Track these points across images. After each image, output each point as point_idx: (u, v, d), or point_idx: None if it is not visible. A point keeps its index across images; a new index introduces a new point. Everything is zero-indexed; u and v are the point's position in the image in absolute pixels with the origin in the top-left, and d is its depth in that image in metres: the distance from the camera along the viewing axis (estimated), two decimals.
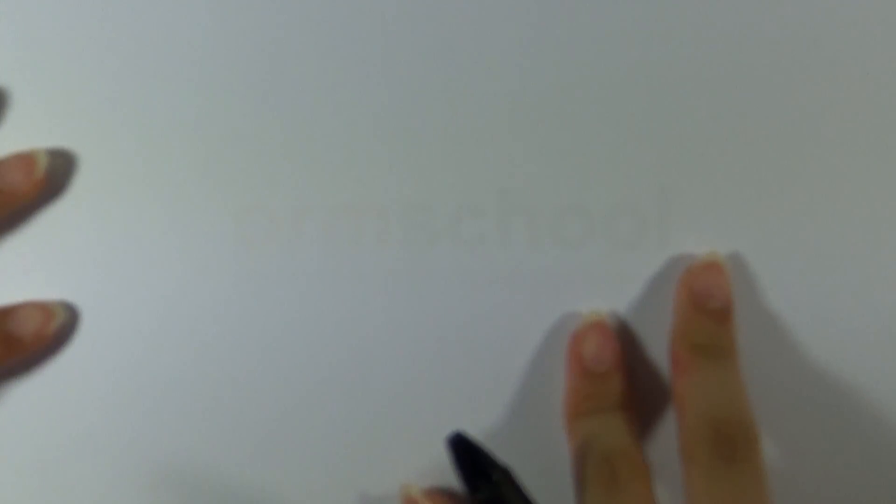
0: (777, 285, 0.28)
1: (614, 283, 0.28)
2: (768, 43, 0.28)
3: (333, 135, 0.29)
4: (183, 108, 0.29)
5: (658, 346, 0.29)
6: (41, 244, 0.29)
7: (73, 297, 0.29)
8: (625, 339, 0.28)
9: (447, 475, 0.29)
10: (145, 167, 0.29)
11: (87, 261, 0.29)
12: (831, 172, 0.28)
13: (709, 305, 0.27)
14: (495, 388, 0.29)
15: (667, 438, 0.29)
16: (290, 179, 0.29)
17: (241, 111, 0.29)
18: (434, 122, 0.29)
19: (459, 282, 0.29)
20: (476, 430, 0.29)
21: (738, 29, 0.28)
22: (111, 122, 0.29)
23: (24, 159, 0.28)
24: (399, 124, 0.29)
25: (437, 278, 0.29)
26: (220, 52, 0.29)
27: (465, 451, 0.24)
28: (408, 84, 0.29)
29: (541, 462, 0.29)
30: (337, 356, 0.29)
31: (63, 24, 0.29)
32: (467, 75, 0.29)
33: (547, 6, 0.28)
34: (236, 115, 0.29)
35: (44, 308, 0.28)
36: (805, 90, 0.28)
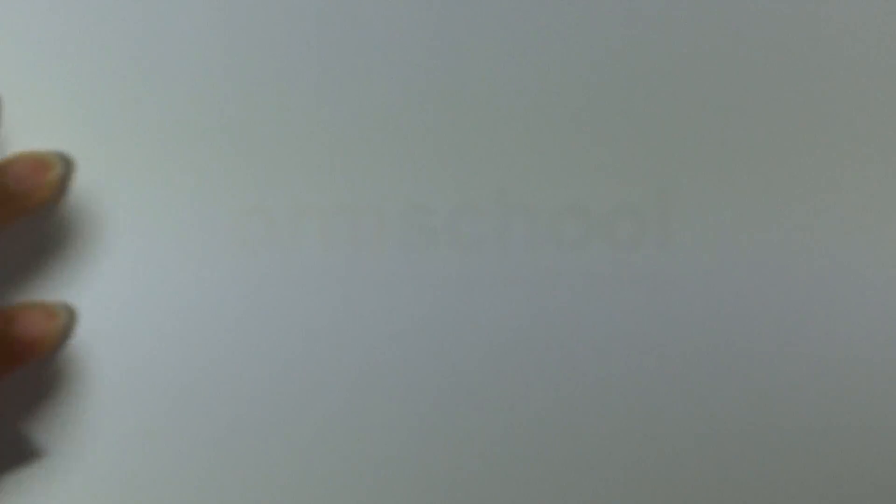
0: (777, 285, 0.28)
1: (614, 283, 0.28)
2: (768, 43, 0.28)
3: (333, 135, 0.29)
4: (182, 109, 0.29)
5: (658, 346, 0.29)
6: (39, 244, 0.29)
7: (71, 298, 0.29)
8: (624, 338, 0.29)
9: (446, 474, 0.29)
10: (144, 167, 0.29)
11: (85, 261, 0.29)
12: (832, 172, 0.28)
13: None
14: (495, 388, 0.29)
15: (666, 437, 0.29)
16: (290, 179, 0.29)
17: (241, 111, 0.29)
18: (433, 121, 0.29)
19: (459, 282, 0.29)
20: (475, 430, 0.29)
21: (738, 29, 0.28)
22: (109, 121, 0.29)
23: (38, 164, 0.28)
24: (398, 124, 0.29)
25: (436, 278, 0.29)
26: (219, 51, 0.29)
27: None
28: (407, 84, 0.29)
29: (542, 461, 0.29)
30: (336, 356, 0.29)
31: (62, 24, 0.29)
32: (467, 75, 0.29)
33: (547, 6, 0.28)
34: (235, 116, 0.29)
35: (46, 310, 0.28)
36: (805, 90, 0.28)
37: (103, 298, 0.29)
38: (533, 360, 0.29)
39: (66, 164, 0.29)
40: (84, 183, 0.29)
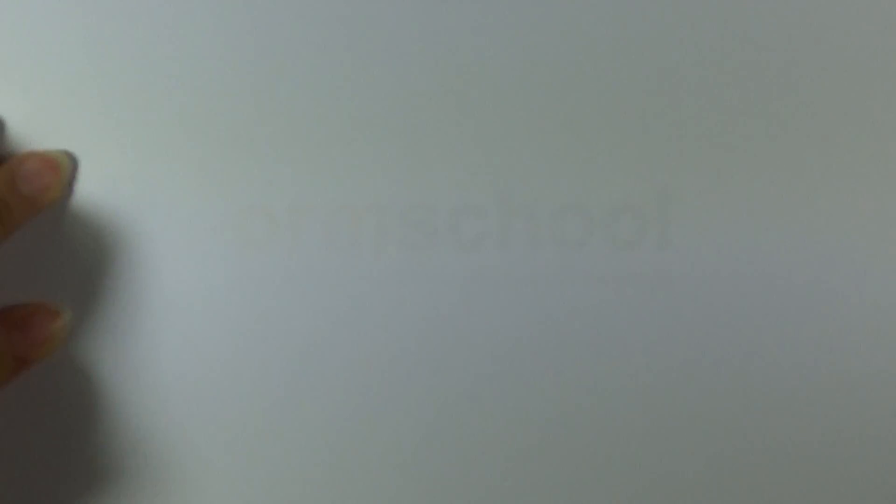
0: (777, 285, 0.28)
1: (614, 283, 0.28)
2: (768, 43, 0.28)
3: (333, 135, 0.29)
4: (183, 108, 0.29)
5: (658, 345, 0.29)
6: (39, 244, 0.29)
7: (71, 298, 0.29)
8: (624, 337, 0.29)
9: (448, 475, 0.29)
10: (144, 167, 0.29)
11: (85, 261, 0.29)
12: (831, 172, 0.28)
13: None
14: (495, 388, 0.29)
15: (667, 436, 0.29)
16: (290, 179, 0.29)
17: (241, 111, 0.29)
18: (434, 121, 0.29)
19: (459, 282, 0.29)
20: (475, 431, 0.29)
21: (738, 29, 0.28)
22: (110, 121, 0.29)
23: (48, 163, 0.28)
24: (399, 124, 0.29)
25: (437, 278, 0.29)
26: (220, 51, 0.29)
27: None
28: (408, 84, 0.29)
29: (541, 460, 0.29)
30: (336, 356, 0.29)
31: (66, 24, 0.29)
32: (467, 75, 0.29)
33: (547, 6, 0.28)
34: (236, 115, 0.29)
35: (50, 310, 0.28)
36: (805, 90, 0.28)
37: (102, 298, 0.29)
38: (533, 359, 0.29)
39: (73, 163, 0.29)
40: (83, 182, 0.29)
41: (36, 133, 0.29)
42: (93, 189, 0.29)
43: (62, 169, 0.28)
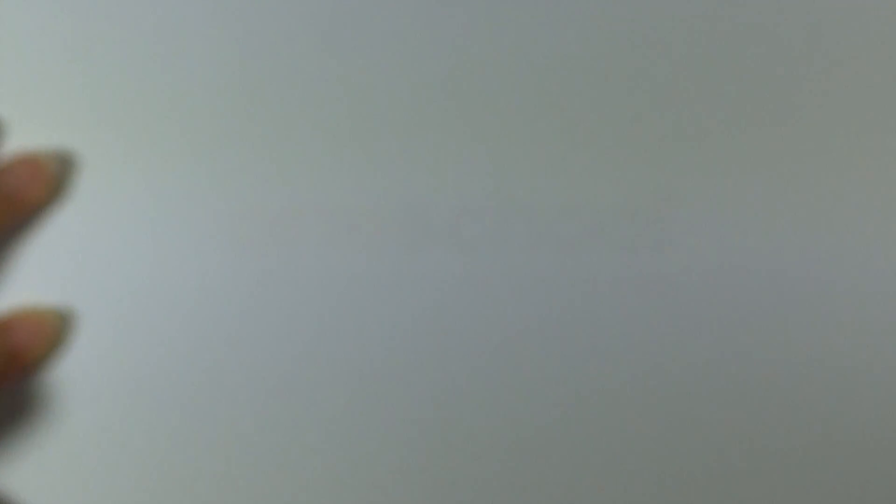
0: (777, 286, 0.28)
1: (614, 283, 0.28)
2: (769, 43, 0.28)
3: (332, 134, 0.29)
4: (181, 108, 0.29)
5: (658, 347, 0.29)
6: (37, 245, 0.29)
7: (70, 299, 0.29)
8: (624, 339, 0.29)
9: (450, 478, 0.29)
10: (143, 167, 0.29)
11: (84, 262, 0.29)
12: (832, 173, 0.28)
13: None
14: (493, 389, 0.29)
15: (666, 439, 0.29)
16: (290, 179, 0.29)
17: (240, 111, 0.29)
18: (433, 121, 0.29)
19: (459, 282, 0.29)
20: (475, 431, 0.29)
21: (739, 29, 0.28)
22: (108, 121, 0.29)
23: (32, 163, 0.28)
24: (398, 124, 0.29)
25: (436, 278, 0.29)
26: (219, 51, 0.29)
27: None
28: (407, 83, 0.29)
29: (542, 462, 0.29)
30: (335, 357, 0.29)
31: (63, 22, 0.29)
32: (467, 75, 0.29)
33: (547, 6, 0.28)
34: (235, 115, 0.29)
35: (37, 317, 0.28)
36: (806, 91, 0.28)
37: (100, 299, 0.29)
38: (532, 360, 0.29)
39: (62, 164, 0.29)
40: (80, 183, 0.29)
41: (36, 133, 0.29)
42: (91, 189, 0.29)
43: (45, 168, 0.28)
